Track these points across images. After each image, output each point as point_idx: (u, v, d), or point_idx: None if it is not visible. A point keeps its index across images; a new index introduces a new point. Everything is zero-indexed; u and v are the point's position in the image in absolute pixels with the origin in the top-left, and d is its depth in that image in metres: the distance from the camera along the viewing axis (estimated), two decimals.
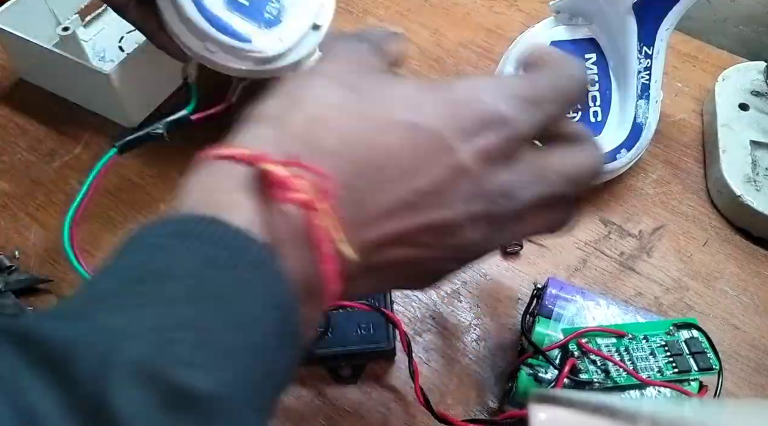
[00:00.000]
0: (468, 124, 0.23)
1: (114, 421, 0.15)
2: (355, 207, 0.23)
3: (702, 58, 0.54)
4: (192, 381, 0.17)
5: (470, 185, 0.24)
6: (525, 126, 0.24)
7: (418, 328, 0.41)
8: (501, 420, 0.34)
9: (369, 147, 0.23)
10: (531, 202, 0.25)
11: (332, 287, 0.22)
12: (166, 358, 0.17)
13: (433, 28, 0.56)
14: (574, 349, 0.34)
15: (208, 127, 0.48)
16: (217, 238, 0.20)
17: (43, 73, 0.49)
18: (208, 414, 0.17)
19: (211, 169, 0.22)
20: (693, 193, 0.47)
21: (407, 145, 0.23)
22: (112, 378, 0.16)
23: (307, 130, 0.23)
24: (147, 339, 0.17)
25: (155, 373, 0.16)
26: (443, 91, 0.24)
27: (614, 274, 0.43)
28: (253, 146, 0.22)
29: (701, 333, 0.35)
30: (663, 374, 0.33)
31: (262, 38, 0.41)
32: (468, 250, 0.26)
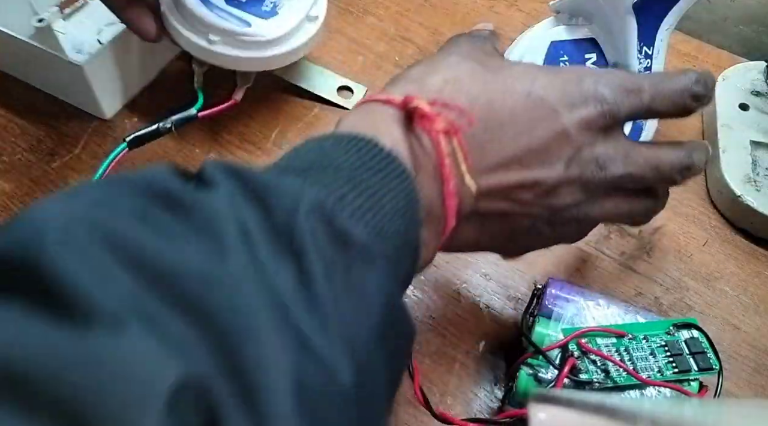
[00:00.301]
0: (573, 97, 0.28)
1: (296, 242, 0.20)
2: (478, 154, 0.27)
3: (702, 58, 0.54)
4: (352, 229, 0.22)
5: (570, 149, 0.28)
6: (621, 107, 0.29)
7: (418, 328, 0.41)
8: (501, 419, 0.34)
9: (492, 107, 0.28)
10: (619, 177, 0.30)
11: (451, 221, 0.27)
12: (336, 208, 0.23)
13: (433, 28, 0.56)
14: (574, 349, 0.34)
15: (211, 124, 0.49)
16: (370, 150, 0.25)
17: (20, 66, 0.50)
18: (360, 256, 0.22)
19: (368, 109, 0.28)
20: (693, 193, 0.47)
21: (523, 108, 0.28)
22: (299, 212, 0.21)
23: (444, 89, 0.27)
24: (323, 192, 0.23)
25: (329, 214, 0.22)
26: (554, 71, 0.29)
27: (614, 274, 0.43)
28: (400, 95, 0.27)
29: (701, 333, 0.35)
30: (663, 374, 0.33)
31: (260, 23, 0.44)
32: (561, 215, 0.30)
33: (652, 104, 0.29)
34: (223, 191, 0.21)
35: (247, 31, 0.43)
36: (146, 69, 0.51)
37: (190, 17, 0.43)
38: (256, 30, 0.43)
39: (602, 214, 0.32)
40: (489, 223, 0.30)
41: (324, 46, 0.55)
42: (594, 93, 0.28)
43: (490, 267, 0.43)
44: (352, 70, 0.53)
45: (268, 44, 0.44)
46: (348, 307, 0.21)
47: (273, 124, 0.50)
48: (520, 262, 0.43)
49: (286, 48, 0.45)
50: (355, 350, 0.20)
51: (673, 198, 0.46)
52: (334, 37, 0.56)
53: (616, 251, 0.44)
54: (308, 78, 0.51)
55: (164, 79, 0.52)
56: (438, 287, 0.42)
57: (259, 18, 0.44)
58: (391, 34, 0.56)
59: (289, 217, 0.21)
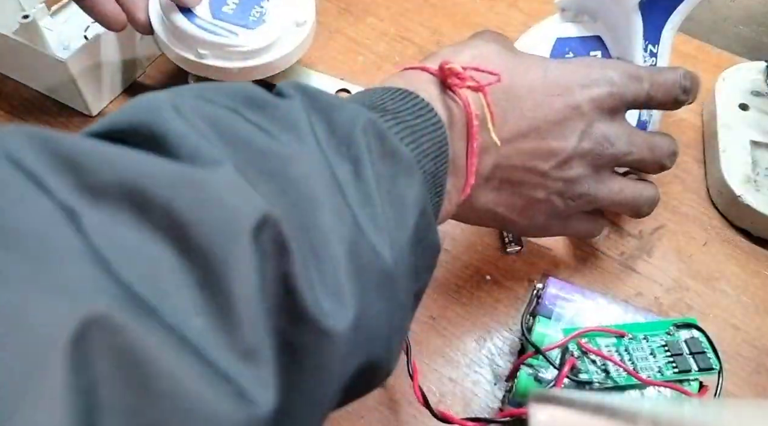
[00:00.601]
0: (585, 79, 0.33)
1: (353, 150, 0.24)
2: (500, 120, 0.31)
3: (702, 58, 0.54)
4: (400, 147, 0.26)
5: (582, 124, 0.32)
6: (626, 91, 0.33)
7: (418, 328, 0.41)
8: (501, 419, 0.34)
9: (514, 81, 0.32)
10: (623, 155, 0.34)
11: (470, 178, 0.30)
12: (387, 130, 0.26)
13: (433, 28, 0.56)
14: (574, 349, 0.34)
15: None
16: (413, 100, 0.29)
17: (10, 63, 0.50)
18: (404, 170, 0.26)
19: (406, 74, 0.32)
20: (693, 193, 0.47)
21: (540, 85, 0.32)
22: (357, 126, 0.25)
23: (472, 62, 0.31)
24: (376, 117, 0.27)
25: (381, 133, 0.26)
26: (565, 60, 0.34)
27: (614, 274, 0.43)
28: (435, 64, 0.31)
29: (701, 333, 0.35)
30: (663, 374, 0.33)
31: (246, 34, 0.44)
32: (573, 189, 0.34)
33: (651, 91, 0.34)
34: (298, 102, 0.25)
35: (234, 42, 0.43)
36: (132, 66, 0.51)
37: (177, 32, 0.44)
38: (243, 40, 0.44)
39: (609, 195, 0.35)
40: (505, 192, 0.33)
41: (324, 46, 0.55)
42: (603, 76, 0.33)
43: (490, 267, 0.43)
44: (352, 70, 0.53)
45: (257, 53, 0.44)
46: (391, 212, 0.25)
47: None
48: (521, 262, 0.43)
49: (276, 55, 0.45)
50: (393, 247, 0.24)
51: (673, 198, 0.47)
52: (334, 37, 0.56)
53: (616, 251, 0.44)
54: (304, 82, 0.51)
55: (161, 75, 0.52)
56: (438, 287, 0.42)
57: (246, 29, 0.44)
58: (391, 34, 0.56)
59: (349, 129, 0.24)
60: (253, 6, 0.45)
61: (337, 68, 0.53)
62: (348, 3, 0.58)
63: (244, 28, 0.44)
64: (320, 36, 0.55)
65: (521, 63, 0.33)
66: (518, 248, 0.43)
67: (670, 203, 0.46)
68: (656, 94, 0.34)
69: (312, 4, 0.47)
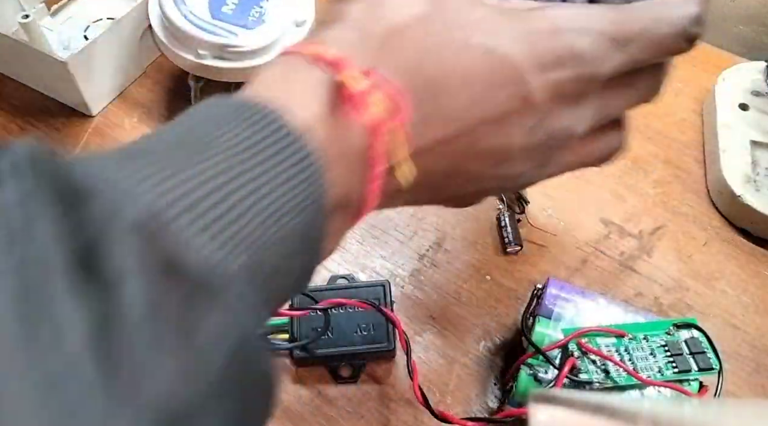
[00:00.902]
0: (545, 56, 0.23)
1: (109, 267, 0.15)
2: (420, 128, 0.22)
3: (702, 58, 0.54)
4: (195, 249, 0.16)
5: (533, 119, 0.24)
6: (604, 68, 0.23)
7: (418, 328, 0.41)
8: (500, 419, 0.34)
9: (443, 68, 0.22)
10: (584, 134, 0.25)
11: (371, 205, 0.22)
12: (179, 217, 0.16)
13: None
14: (574, 349, 0.34)
15: None
16: (269, 126, 0.20)
17: (11, 64, 0.50)
18: (201, 288, 0.16)
19: (291, 65, 0.22)
20: (693, 193, 0.47)
21: (480, 70, 0.22)
22: (118, 224, 0.15)
23: (388, 39, 0.22)
24: (166, 193, 0.16)
25: (163, 228, 0.16)
26: (526, 19, 0.23)
27: (614, 274, 0.43)
28: (336, 48, 0.22)
29: (701, 333, 0.35)
30: (663, 374, 0.33)
31: (246, 34, 0.44)
32: (513, 180, 0.26)
33: (640, 56, 0.24)
34: (14, 190, 0.15)
35: (234, 42, 0.43)
36: (132, 66, 0.51)
37: (176, 33, 0.44)
38: (242, 41, 0.43)
39: (562, 170, 0.28)
40: (430, 191, 0.26)
41: None
42: (571, 50, 0.23)
43: (490, 267, 0.43)
44: None
45: (256, 53, 0.44)
46: (170, 362, 0.15)
47: None
48: (520, 262, 0.43)
49: (276, 53, 0.45)
50: (176, 417, 0.15)
51: (673, 198, 0.47)
52: None
53: (616, 251, 0.44)
54: None
55: (161, 75, 0.52)
56: (438, 287, 0.42)
57: (246, 29, 0.44)
58: None
59: (104, 231, 0.15)
60: (253, 6, 0.45)
61: None
62: None
63: (243, 28, 0.44)
64: None
65: (457, 34, 0.23)
66: (518, 248, 0.43)
67: (670, 203, 0.46)
68: (648, 56, 0.24)
69: (311, 4, 0.47)
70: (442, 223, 0.45)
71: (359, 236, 0.44)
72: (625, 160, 0.48)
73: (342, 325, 0.38)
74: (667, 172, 0.48)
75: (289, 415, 0.37)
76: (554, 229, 0.45)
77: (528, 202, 0.45)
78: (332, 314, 0.38)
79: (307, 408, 0.38)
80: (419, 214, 0.45)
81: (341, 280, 0.42)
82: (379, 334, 0.38)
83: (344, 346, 0.37)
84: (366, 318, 0.38)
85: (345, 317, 0.38)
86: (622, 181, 0.47)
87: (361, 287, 0.39)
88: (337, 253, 0.44)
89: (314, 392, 0.38)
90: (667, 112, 0.51)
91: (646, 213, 0.46)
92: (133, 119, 0.50)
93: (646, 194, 0.47)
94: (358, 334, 0.38)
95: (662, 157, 0.48)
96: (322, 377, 0.39)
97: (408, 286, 0.42)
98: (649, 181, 0.47)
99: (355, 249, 0.44)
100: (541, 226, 0.44)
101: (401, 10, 0.23)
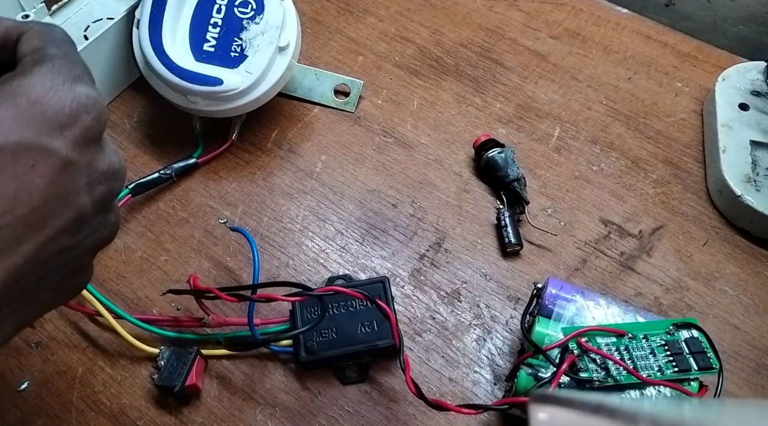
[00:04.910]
0: (56, 119, 0.22)
1: None
2: None
3: (702, 58, 0.54)
4: None
5: (84, 174, 0.23)
6: (102, 106, 0.24)
7: (418, 328, 0.41)
8: (495, 406, 0.34)
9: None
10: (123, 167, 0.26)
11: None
12: None
13: (433, 28, 0.56)
14: (574, 348, 0.34)
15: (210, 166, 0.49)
16: None
17: None
18: None
19: None
20: (693, 193, 0.47)
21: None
22: None
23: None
24: None
25: None
26: (13, 99, 0.22)
27: (614, 274, 0.43)
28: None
29: (701, 333, 0.35)
30: (663, 373, 0.33)
31: (231, 76, 0.44)
32: (103, 235, 0.25)
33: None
34: None
35: (221, 89, 0.43)
36: (132, 66, 0.51)
37: (165, 83, 0.44)
38: (228, 85, 0.43)
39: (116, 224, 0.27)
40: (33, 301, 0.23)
41: (324, 46, 0.55)
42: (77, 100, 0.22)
43: (490, 267, 0.43)
44: (352, 70, 0.53)
45: (246, 92, 0.44)
46: None
47: (273, 124, 0.50)
48: (520, 262, 0.43)
49: (266, 86, 0.45)
50: None
51: (673, 198, 0.47)
52: (334, 37, 0.56)
53: (616, 251, 0.44)
54: (302, 85, 0.51)
55: None
56: (438, 287, 0.42)
57: (229, 69, 0.44)
58: (391, 34, 0.56)
59: None
60: (233, 39, 0.44)
61: (337, 68, 0.53)
62: (348, 3, 0.58)
63: (227, 68, 0.44)
64: (320, 36, 0.56)
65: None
66: (518, 248, 0.43)
67: (670, 203, 0.46)
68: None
69: (295, 26, 0.46)
70: (442, 223, 0.45)
71: (359, 236, 0.44)
72: (625, 160, 0.48)
73: (346, 325, 0.38)
74: (667, 172, 0.48)
75: (289, 415, 0.37)
76: (554, 229, 0.45)
77: (528, 202, 0.45)
78: (334, 315, 0.38)
79: (307, 408, 0.38)
80: (419, 214, 0.45)
81: (339, 281, 0.42)
82: (383, 331, 0.38)
83: (350, 345, 0.37)
84: (368, 316, 0.38)
85: (348, 317, 0.38)
86: (622, 181, 0.47)
87: (359, 286, 0.39)
88: (336, 253, 0.44)
89: (314, 392, 0.38)
90: (667, 112, 0.51)
91: (646, 213, 0.46)
92: (133, 119, 0.50)
93: (646, 194, 0.47)
94: (362, 333, 0.38)
95: (662, 157, 0.48)
96: (322, 377, 0.39)
97: (408, 286, 0.42)
98: (649, 181, 0.47)
99: (355, 249, 0.44)
100: (541, 226, 0.44)
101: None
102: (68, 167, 0.22)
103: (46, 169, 0.21)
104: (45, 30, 0.24)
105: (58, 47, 0.24)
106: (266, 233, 0.45)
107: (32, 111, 0.21)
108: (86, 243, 0.24)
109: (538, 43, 0.55)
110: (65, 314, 0.41)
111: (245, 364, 0.39)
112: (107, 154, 0.24)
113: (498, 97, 0.52)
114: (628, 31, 0.56)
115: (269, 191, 0.47)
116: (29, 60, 0.23)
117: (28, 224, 0.21)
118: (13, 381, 0.39)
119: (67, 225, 0.22)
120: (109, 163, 0.24)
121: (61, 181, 0.22)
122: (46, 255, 0.22)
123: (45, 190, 0.21)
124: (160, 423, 0.37)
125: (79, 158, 0.22)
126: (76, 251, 0.24)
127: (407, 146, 0.49)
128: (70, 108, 0.22)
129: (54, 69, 0.23)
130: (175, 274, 0.43)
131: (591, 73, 0.53)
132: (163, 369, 0.37)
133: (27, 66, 0.23)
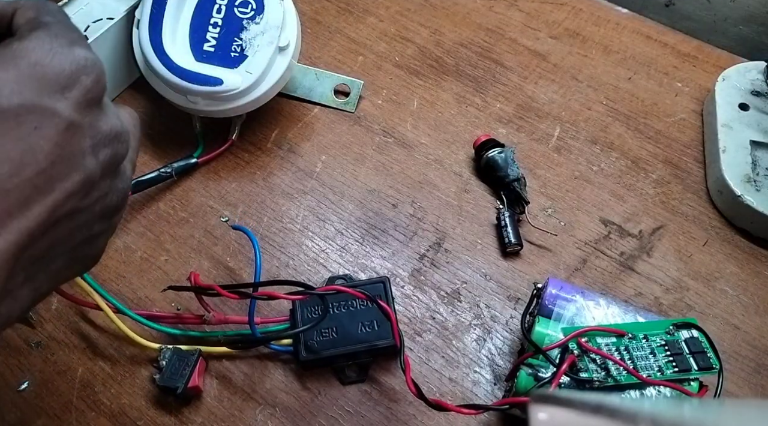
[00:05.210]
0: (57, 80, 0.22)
1: None
2: None
3: (702, 58, 0.54)
4: None
5: (88, 136, 0.23)
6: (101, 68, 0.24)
7: (418, 328, 0.41)
8: (495, 406, 0.34)
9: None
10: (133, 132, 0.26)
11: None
12: None
13: (433, 28, 0.56)
14: (574, 348, 0.34)
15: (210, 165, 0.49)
16: None
17: None
18: None
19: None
20: (693, 193, 0.47)
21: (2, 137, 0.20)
22: None
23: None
24: None
25: None
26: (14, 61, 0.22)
27: (614, 274, 0.43)
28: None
29: (701, 333, 0.35)
30: (663, 373, 0.33)
31: (231, 76, 0.44)
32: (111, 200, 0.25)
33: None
34: None
35: (221, 89, 0.43)
36: (132, 66, 0.51)
37: (165, 82, 0.44)
38: (228, 85, 0.43)
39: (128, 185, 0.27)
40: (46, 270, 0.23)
41: (324, 46, 0.55)
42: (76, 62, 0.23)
43: (490, 267, 0.43)
44: (352, 70, 0.53)
45: (246, 92, 0.44)
46: None
47: (273, 124, 0.50)
48: (520, 262, 0.43)
49: (266, 86, 0.45)
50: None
51: (673, 198, 0.47)
52: (334, 37, 0.56)
53: (616, 251, 0.44)
54: (302, 85, 0.51)
55: None
56: (438, 287, 0.42)
57: (229, 69, 0.43)
58: (391, 34, 0.56)
59: None
60: (233, 39, 0.44)
61: (337, 68, 0.53)
62: (348, 3, 0.58)
63: (227, 68, 0.44)
64: (320, 36, 0.56)
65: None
66: (518, 248, 0.43)
67: (670, 203, 0.46)
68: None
69: (294, 26, 0.46)
70: (442, 223, 0.45)
71: (359, 236, 0.44)
72: (625, 160, 0.48)
73: (346, 325, 0.38)
74: (667, 172, 0.48)
75: (289, 415, 0.37)
76: (554, 229, 0.45)
77: (528, 202, 0.45)
78: (335, 315, 0.38)
79: (307, 408, 0.38)
80: (419, 214, 0.45)
81: (339, 281, 0.42)
82: (384, 331, 0.38)
83: (350, 345, 0.37)
84: (368, 316, 0.38)
85: (348, 317, 0.38)
86: (622, 181, 0.47)
87: (359, 286, 0.39)
88: (336, 253, 0.44)
89: (314, 392, 0.38)
90: (667, 112, 0.51)
91: (646, 213, 0.46)
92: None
93: (646, 194, 0.47)
94: (362, 332, 0.38)
95: (662, 157, 0.48)
96: (323, 377, 0.39)
97: (408, 286, 0.42)
98: (649, 181, 0.47)
99: (355, 249, 0.44)
100: (541, 226, 0.44)
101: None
102: (72, 128, 0.22)
103: (50, 130, 0.21)
104: (38, 3, 0.24)
105: (53, 16, 0.24)
106: (266, 233, 0.45)
107: (33, 73, 0.21)
108: (96, 208, 0.24)
109: (538, 43, 0.55)
110: (65, 314, 0.41)
111: (245, 364, 0.39)
112: (109, 116, 0.24)
113: (498, 97, 0.52)
114: (628, 31, 0.56)
115: (269, 191, 0.47)
116: (26, 27, 0.23)
117: (36, 186, 0.21)
118: (13, 381, 0.39)
119: (75, 188, 0.22)
120: (112, 125, 0.24)
121: (65, 142, 0.22)
122: (56, 218, 0.22)
123: (51, 152, 0.21)
124: (160, 423, 0.37)
125: (82, 119, 0.22)
126: (85, 216, 0.24)
127: (407, 146, 0.49)
128: (69, 69, 0.22)
129: (51, 33, 0.23)
130: (175, 274, 0.43)
131: (591, 73, 0.53)
132: (164, 369, 0.37)
133: (25, 32, 0.23)
